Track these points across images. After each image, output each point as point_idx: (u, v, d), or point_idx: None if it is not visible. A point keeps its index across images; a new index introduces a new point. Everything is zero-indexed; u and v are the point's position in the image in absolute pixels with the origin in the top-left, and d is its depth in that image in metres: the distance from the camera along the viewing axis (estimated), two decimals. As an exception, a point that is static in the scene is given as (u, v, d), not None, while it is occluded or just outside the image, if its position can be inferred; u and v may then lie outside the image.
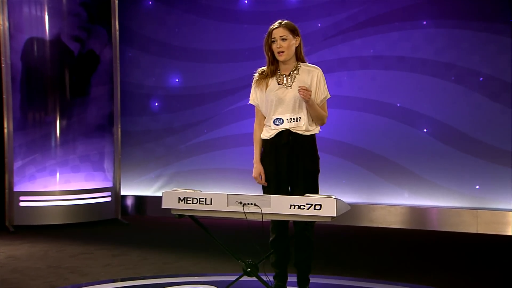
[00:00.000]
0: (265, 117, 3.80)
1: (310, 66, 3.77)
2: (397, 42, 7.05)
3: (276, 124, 3.70)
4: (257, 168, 3.76)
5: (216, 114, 7.94)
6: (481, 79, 6.71)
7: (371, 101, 7.17)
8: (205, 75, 7.99)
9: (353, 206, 6.58)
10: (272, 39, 3.71)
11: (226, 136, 7.85)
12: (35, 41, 6.92)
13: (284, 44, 3.67)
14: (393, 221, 6.93)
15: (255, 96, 3.82)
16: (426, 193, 6.94)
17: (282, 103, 3.69)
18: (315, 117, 3.69)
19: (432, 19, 6.92)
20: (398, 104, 7.07)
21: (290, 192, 3.69)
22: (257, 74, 3.83)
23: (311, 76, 3.72)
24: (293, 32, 3.70)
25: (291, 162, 3.67)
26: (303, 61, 3.79)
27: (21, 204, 6.87)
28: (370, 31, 7.15)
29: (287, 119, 3.68)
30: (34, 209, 6.88)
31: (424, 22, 6.96)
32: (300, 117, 3.68)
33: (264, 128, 3.80)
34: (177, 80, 8.13)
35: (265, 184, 3.73)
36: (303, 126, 3.68)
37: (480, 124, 6.71)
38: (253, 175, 3.77)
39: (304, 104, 3.65)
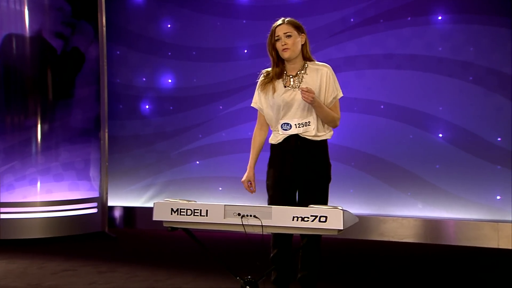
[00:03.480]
0: (267, 122, 3.85)
1: (318, 65, 3.80)
2: (410, 39, 7.07)
3: (284, 129, 3.74)
4: (248, 173, 3.84)
5: (212, 117, 7.96)
6: (502, 79, 6.72)
7: (381, 103, 7.18)
8: (200, 75, 8.00)
9: (361, 218, 6.59)
10: (276, 37, 3.74)
11: (223, 142, 7.86)
12: (14, 38, 6.94)
13: (289, 41, 3.71)
14: (406, 235, 6.94)
15: (258, 99, 3.85)
16: (441, 204, 6.94)
17: (289, 108, 3.72)
18: (324, 119, 3.71)
19: (448, 14, 6.94)
20: (411, 107, 7.08)
21: (297, 201, 3.70)
22: (262, 77, 3.86)
23: (320, 74, 3.75)
24: (298, 29, 3.75)
25: (297, 169, 3.70)
26: (311, 60, 3.82)
27: (-1, 216, 6.88)
28: (380, 27, 7.17)
29: (295, 124, 3.72)
30: (12, 222, 6.87)
31: (440, 17, 6.98)
32: (309, 122, 3.71)
33: (273, 133, 3.84)
34: (169, 81, 8.15)
35: (253, 192, 3.82)
36: (313, 130, 3.70)
37: (501, 129, 6.72)
38: (242, 179, 3.83)
39: (313, 112, 3.68)
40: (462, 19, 6.88)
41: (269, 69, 3.85)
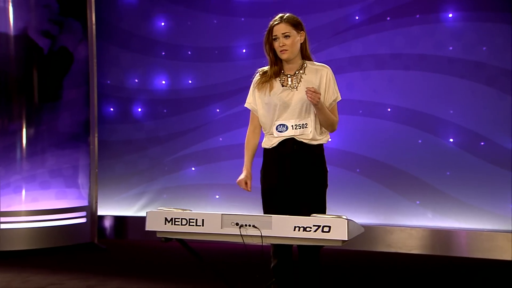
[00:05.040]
0: (260, 124, 3.86)
1: (317, 65, 3.81)
2: (419, 38, 7.08)
3: (279, 131, 3.74)
4: (245, 174, 3.84)
5: (208, 121, 7.96)
6: (516, 80, 6.75)
7: (388, 106, 7.19)
8: (196, 76, 8.01)
9: (367, 228, 6.58)
10: (274, 37, 3.75)
11: (220, 147, 7.86)
12: (-2, 37, 6.95)
13: (288, 41, 3.72)
14: (414, 246, 6.94)
15: (253, 99, 3.86)
16: (452, 213, 6.94)
17: (287, 108, 3.73)
18: (324, 123, 3.73)
19: (459, 11, 6.95)
20: (420, 110, 7.08)
21: (294, 209, 3.70)
22: (257, 75, 3.87)
23: (319, 76, 3.76)
24: (297, 26, 3.76)
25: (295, 175, 3.70)
26: (310, 59, 3.85)
27: (-19, 226, 6.87)
28: (387, 26, 7.18)
29: (292, 126, 3.72)
30: (-5, 232, 6.87)
31: (450, 15, 6.99)
32: (306, 123, 3.72)
33: (266, 137, 3.84)
34: (163, 82, 8.15)
35: (249, 190, 3.80)
36: (310, 133, 3.71)
37: (516, 133, 6.74)
38: (237, 179, 3.83)
39: (311, 109, 3.69)
40: (474, 16, 6.89)
41: (265, 67, 3.86)
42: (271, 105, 3.76)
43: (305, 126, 3.72)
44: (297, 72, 3.79)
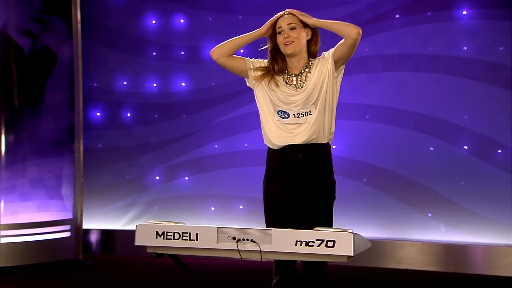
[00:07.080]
0: (238, 60, 4.03)
1: (319, 57, 3.83)
2: (430, 37, 7.09)
3: (281, 117, 3.74)
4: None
5: (203, 127, 7.96)
6: (535, 83, 6.76)
7: (397, 110, 7.19)
8: (190, 79, 8.01)
9: (374, 243, 6.59)
10: (278, 30, 3.78)
11: (215, 155, 7.86)
12: (-25, 36, 6.95)
13: (293, 33, 3.75)
14: (426, 262, 6.93)
15: (251, 62, 3.98)
16: (467, 226, 6.94)
17: (288, 104, 3.73)
18: (338, 30, 3.74)
19: (474, 8, 6.96)
20: (432, 115, 7.09)
21: (299, 223, 3.70)
22: (266, 60, 3.88)
23: (323, 60, 3.79)
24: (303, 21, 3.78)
25: (300, 186, 3.70)
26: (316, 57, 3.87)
27: (-44, 241, 6.86)
28: (396, 24, 7.19)
29: (294, 114, 3.72)
30: (-28, 248, 6.86)
31: (464, 12, 7.00)
32: (310, 111, 3.71)
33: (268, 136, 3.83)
34: (154, 85, 8.16)
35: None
36: (313, 120, 3.68)
37: (536, 140, 6.75)
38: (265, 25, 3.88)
39: (318, 102, 3.69)
40: (491, 14, 6.90)
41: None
42: (273, 100, 3.77)
43: (308, 113, 3.72)
44: (302, 71, 3.80)
